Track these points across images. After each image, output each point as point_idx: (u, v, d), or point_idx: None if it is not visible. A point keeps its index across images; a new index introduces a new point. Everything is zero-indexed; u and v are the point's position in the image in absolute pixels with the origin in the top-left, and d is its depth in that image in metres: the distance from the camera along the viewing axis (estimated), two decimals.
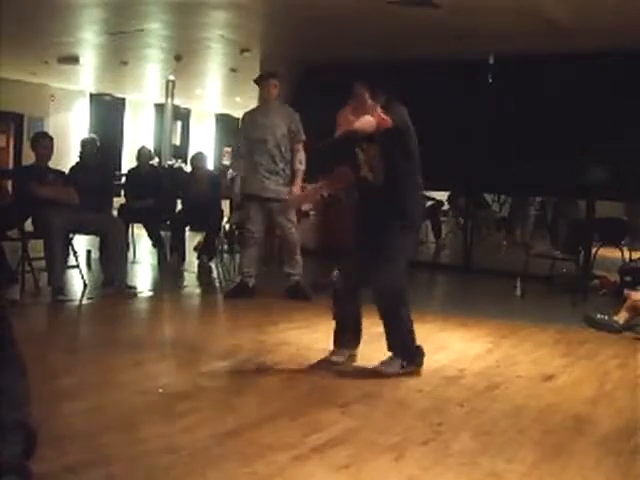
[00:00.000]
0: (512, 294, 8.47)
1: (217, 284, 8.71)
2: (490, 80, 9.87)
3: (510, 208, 16.47)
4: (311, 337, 5.70)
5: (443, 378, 4.80)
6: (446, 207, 15.17)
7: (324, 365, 4.89)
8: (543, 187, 9.82)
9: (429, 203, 14.31)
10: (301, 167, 7.31)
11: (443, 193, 14.27)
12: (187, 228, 9.75)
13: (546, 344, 6.07)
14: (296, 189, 7.17)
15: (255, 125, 7.38)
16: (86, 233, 7.90)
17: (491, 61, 9.69)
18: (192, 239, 10.60)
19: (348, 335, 5.07)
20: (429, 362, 5.15)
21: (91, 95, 18.90)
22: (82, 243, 9.16)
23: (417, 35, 9.16)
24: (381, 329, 5.83)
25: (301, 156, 7.34)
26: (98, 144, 8.88)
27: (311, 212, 12.29)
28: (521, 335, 6.35)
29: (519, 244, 12.89)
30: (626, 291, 7.06)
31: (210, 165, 15.75)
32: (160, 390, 4.11)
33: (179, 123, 20.63)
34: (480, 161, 9.61)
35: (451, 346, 5.81)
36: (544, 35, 8.56)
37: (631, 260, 9.54)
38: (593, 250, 9.51)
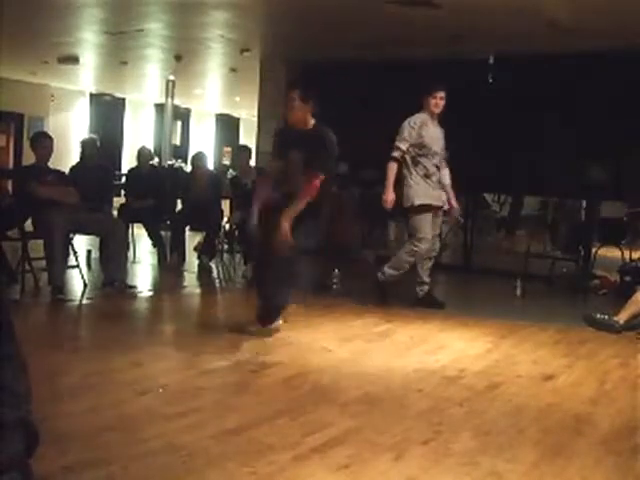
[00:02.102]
0: (512, 294, 8.47)
1: (217, 284, 8.72)
2: (490, 80, 9.87)
3: (510, 208, 16.49)
4: (311, 337, 5.71)
5: (443, 378, 4.80)
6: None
7: (325, 365, 4.90)
8: (544, 187, 9.82)
9: None
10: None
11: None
12: (187, 228, 9.75)
13: (546, 344, 6.07)
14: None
15: (428, 135, 7.32)
16: (86, 233, 7.91)
17: (491, 61, 9.69)
18: (192, 239, 10.60)
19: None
20: (429, 362, 5.17)
21: (91, 95, 18.90)
22: (82, 243, 9.16)
23: (416, 35, 9.16)
24: (380, 329, 5.88)
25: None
26: (98, 144, 8.89)
27: None
28: (521, 335, 6.35)
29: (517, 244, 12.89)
30: None
31: (210, 165, 15.76)
32: (160, 390, 4.11)
33: (179, 123, 20.64)
34: (480, 161, 9.61)
35: (451, 346, 5.81)
36: (544, 35, 8.56)
37: (631, 260, 9.55)
38: (593, 250, 9.53)
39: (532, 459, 3.39)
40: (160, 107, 17.97)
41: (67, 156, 13.34)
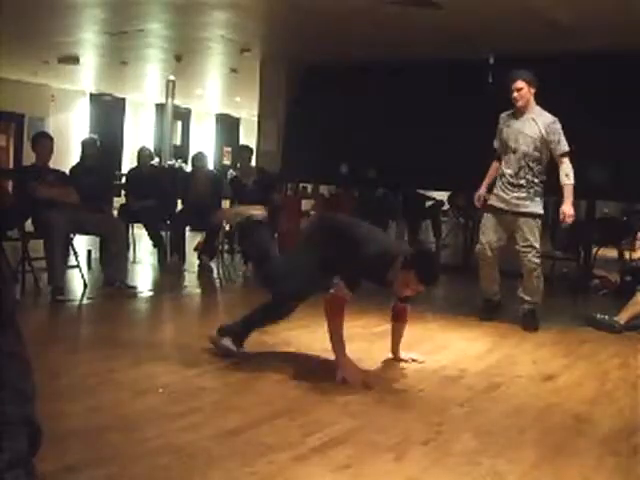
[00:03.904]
0: (513, 294, 8.45)
1: (217, 284, 8.72)
2: (490, 80, 9.86)
3: None
4: (311, 337, 5.70)
5: (443, 378, 4.80)
6: (446, 207, 15.16)
7: (324, 365, 4.89)
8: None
9: (429, 203, 14.32)
10: (567, 181, 6.65)
11: (443, 193, 14.26)
12: (187, 228, 9.75)
13: (546, 344, 6.07)
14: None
15: (509, 130, 6.82)
16: (86, 233, 7.91)
17: (491, 61, 9.68)
18: (192, 239, 10.60)
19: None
20: (429, 362, 5.17)
21: (91, 95, 18.90)
22: (82, 243, 9.16)
23: (417, 35, 9.16)
24: (381, 329, 5.86)
25: (566, 170, 6.65)
26: (98, 144, 8.89)
27: (311, 212, 12.30)
28: (521, 335, 6.36)
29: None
30: None
31: (210, 165, 15.76)
32: (160, 390, 4.11)
33: (179, 123, 20.64)
34: (480, 161, 9.60)
35: (452, 346, 5.81)
36: (544, 35, 8.56)
37: (631, 260, 9.55)
38: (593, 250, 9.53)
39: (532, 459, 3.39)
40: (160, 107, 17.98)
41: (67, 156, 13.33)
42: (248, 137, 18.57)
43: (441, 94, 9.77)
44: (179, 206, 10.18)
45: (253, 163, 10.35)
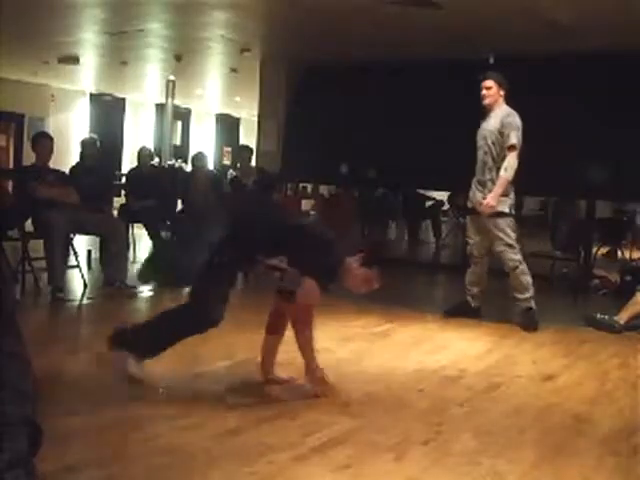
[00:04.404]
0: (512, 294, 8.46)
1: None
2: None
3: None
4: None
5: (443, 378, 4.80)
6: (446, 207, 15.18)
7: (324, 364, 4.89)
8: (543, 187, 9.81)
9: (429, 203, 14.34)
10: (503, 173, 6.61)
11: (443, 193, 14.27)
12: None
13: (546, 344, 6.07)
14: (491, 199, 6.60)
15: (481, 128, 6.88)
16: (86, 233, 7.91)
17: (491, 61, 9.68)
18: None
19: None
20: (430, 362, 5.17)
21: (91, 95, 18.89)
22: (82, 243, 9.16)
23: (417, 35, 9.16)
24: (381, 329, 5.86)
25: (506, 163, 6.61)
26: (98, 144, 8.89)
27: (311, 212, 12.30)
28: (521, 335, 6.35)
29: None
30: None
31: (210, 165, 15.76)
32: (160, 390, 4.11)
33: (179, 123, 20.63)
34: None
35: (451, 346, 5.81)
36: (544, 35, 8.55)
37: (631, 260, 9.55)
38: (593, 250, 9.53)
39: (532, 459, 3.39)
40: (160, 107, 17.97)
41: (67, 156, 13.32)
42: (248, 137, 18.58)
43: (441, 94, 9.77)
44: (179, 206, 10.17)
45: (253, 163, 10.35)
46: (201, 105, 20.74)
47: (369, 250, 4.28)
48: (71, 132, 17.93)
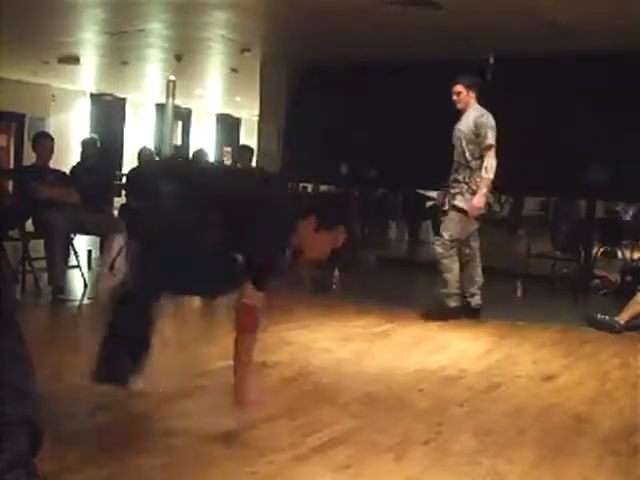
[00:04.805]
0: (513, 294, 8.47)
1: None
2: (491, 80, 9.86)
3: (510, 208, 16.49)
4: (311, 337, 5.71)
5: (443, 378, 4.81)
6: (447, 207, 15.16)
7: (324, 365, 4.90)
8: (544, 187, 9.82)
9: (430, 203, 14.33)
10: (484, 174, 6.72)
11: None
12: None
13: (547, 344, 6.07)
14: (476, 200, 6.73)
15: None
16: (87, 233, 7.91)
17: (491, 61, 9.68)
18: None
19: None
20: (430, 362, 5.17)
21: (92, 95, 18.89)
22: (83, 243, 9.16)
23: (417, 35, 9.16)
24: (381, 329, 5.86)
25: (487, 163, 6.73)
26: (99, 144, 8.89)
27: None
28: (522, 335, 6.35)
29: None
30: None
31: None
32: (161, 390, 4.11)
33: (180, 123, 20.63)
34: None
35: (451, 346, 5.81)
36: (544, 35, 8.55)
37: (632, 260, 9.55)
38: (594, 250, 9.53)
39: (532, 459, 3.39)
40: (161, 107, 17.95)
41: (68, 156, 13.31)
42: (248, 137, 18.58)
43: (441, 94, 9.76)
44: None
45: (254, 163, 10.34)
46: (201, 105, 20.74)
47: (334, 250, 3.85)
48: (71, 132, 17.92)
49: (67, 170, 8.05)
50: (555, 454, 3.49)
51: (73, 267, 7.58)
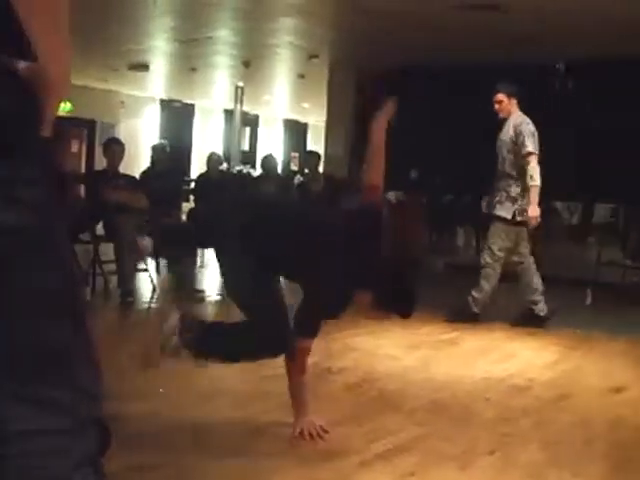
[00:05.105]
0: (582, 303, 8.34)
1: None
2: (559, 85, 9.74)
3: (580, 216, 16.23)
4: (376, 343, 5.69)
5: (510, 387, 4.75)
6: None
7: (389, 372, 4.88)
8: (614, 194, 9.66)
9: None
10: (531, 182, 6.62)
11: None
12: None
13: (616, 355, 5.95)
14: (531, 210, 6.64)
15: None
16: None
17: (560, 67, 9.56)
18: None
19: None
20: (497, 371, 5.11)
21: (161, 101, 19.16)
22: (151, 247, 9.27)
23: (482, 40, 9.09)
24: (447, 336, 5.80)
25: (530, 171, 6.64)
26: (168, 150, 9.01)
27: None
28: (590, 345, 6.24)
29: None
30: None
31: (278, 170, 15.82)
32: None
33: (247, 129, 20.79)
34: (549, 168, 9.47)
35: (519, 355, 5.74)
36: (615, 37, 8.40)
37: None
38: None
39: (600, 473, 3.33)
40: (229, 113, 18.12)
41: (137, 161, 13.52)
42: (315, 143, 18.64)
43: None
44: None
45: (321, 169, 10.38)
46: (269, 111, 20.88)
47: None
48: (141, 138, 18.18)
49: (137, 175, 8.17)
50: (623, 468, 3.42)
51: (142, 270, 7.68)
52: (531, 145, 6.63)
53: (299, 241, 3.48)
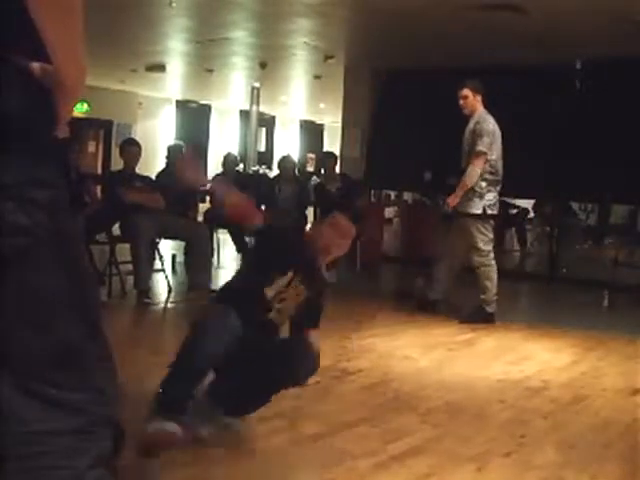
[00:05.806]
0: (599, 304, 8.30)
1: None
2: (577, 85, 9.70)
3: (597, 216, 16.18)
4: (392, 344, 5.68)
5: (527, 389, 4.73)
6: (531, 215, 14.97)
7: (406, 372, 4.87)
8: (632, 195, 9.61)
9: (514, 211, 14.14)
10: (465, 178, 6.90)
11: (529, 201, 14.07)
12: None
13: (634, 357, 5.91)
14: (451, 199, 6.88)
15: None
16: (171, 238, 8.01)
17: (578, 66, 9.52)
18: None
19: None
20: (513, 372, 5.09)
21: (177, 102, 19.23)
22: (167, 247, 9.30)
23: (502, 41, 9.05)
24: (464, 337, 5.79)
25: (470, 170, 6.85)
26: (184, 150, 9.01)
27: (394, 219, 12.26)
28: (608, 347, 6.21)
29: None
30: None
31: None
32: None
33: (264, 129, 20.83)
34: (566, 168, 9.44)
35: (535, 357, 5.71)
36: (634, 37, 8.35)
37: None
38: None
39: (618, 475, 3.31)
40: (245, 114, 18.16)
41: (154, 162, 13.56)
42: (332, 143, 18.65)
43: (525, 100, 9.64)
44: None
45: (337, 170, 10.36)
46: (285, 112, 20.92)
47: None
48: (158, 138, 18.26)
49: (153, 176, 8.19)
50: None
51: (158, 271, 7.70)
52: (483, 145, 6.71)
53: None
